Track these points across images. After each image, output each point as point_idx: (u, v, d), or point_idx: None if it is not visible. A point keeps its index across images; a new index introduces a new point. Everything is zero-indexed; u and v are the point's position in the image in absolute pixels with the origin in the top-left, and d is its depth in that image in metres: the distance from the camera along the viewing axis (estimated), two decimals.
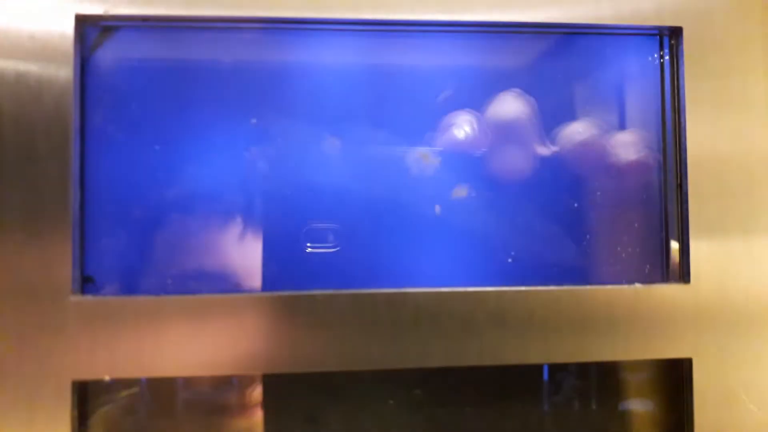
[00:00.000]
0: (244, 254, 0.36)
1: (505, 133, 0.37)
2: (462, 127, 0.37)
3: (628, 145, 0.38)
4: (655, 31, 0.38)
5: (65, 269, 0.32)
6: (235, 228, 0.36)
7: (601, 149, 0.38)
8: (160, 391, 0.36)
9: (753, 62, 0.37)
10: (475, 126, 0.37)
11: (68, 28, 0.32)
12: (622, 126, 0.39)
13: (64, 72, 0.32)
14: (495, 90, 0.38)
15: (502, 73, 0.39)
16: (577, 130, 0.38)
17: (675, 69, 0.37)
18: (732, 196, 0.36)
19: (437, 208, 0.37)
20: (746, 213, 0.36)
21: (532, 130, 0.38)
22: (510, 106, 0.37)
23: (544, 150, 0.38)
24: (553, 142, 0.38)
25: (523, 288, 0.35)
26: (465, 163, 0.38)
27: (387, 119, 0.37)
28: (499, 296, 0.34)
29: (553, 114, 0.38)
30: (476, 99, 0.38)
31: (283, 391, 0.37)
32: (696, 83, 0.37)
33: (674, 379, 0.37)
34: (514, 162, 0.38)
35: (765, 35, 0.37)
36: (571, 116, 0.39)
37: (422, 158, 0.37)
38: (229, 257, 0.36)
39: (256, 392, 0.36)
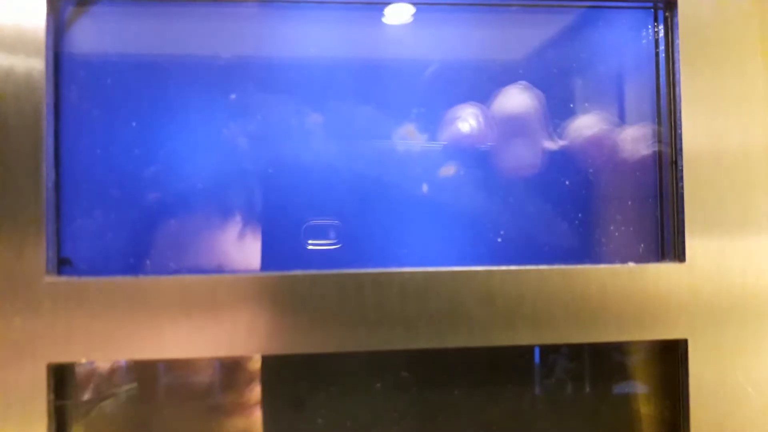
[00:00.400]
0: (224, 232, 0.35)
1: (510, 126, 0.36)
2: (467, 120, 0.36)
3: (622, 123, 0.37)
4: (650, 4, 0.37)
5: (39, 250, 0.31)
6: (215, 205, 0.35)
7: (595, 128, 0.37)
8: (141, 376, 0.35)
9: (750, 36, 0.36)
10: (481, 119, 0.36)
11: (40, 1, 0.31)
12: (616, 105, 0.38)
13: (36, 46, 0.31)
14: (490, 80, 0.37)
15: (495, 58, 0.38)
16: (574, 116, 0.37)
17: (670, 44, 0.36)
18: (729, 174, 0.35)
19: (424, 187, 0.36)
20: (743, 191, 0.35)
21: (537, 123, 0.37)
22: (515, 99, 0.36)
23: (550, 144, 0.37)
24: (550, 126, 0.37)
25: (512, 267, 0.33)
26: (455, 142, 0.37)
27: (375, 98, 0.37)
28: (488, 276, 0.33)
29: (547, 99, 0.37)
30: (470, 90, 0.37)
31: (268, 374, 0.36)
32: (691, 58, 0.35)
33: (669, 361, 0.36)
34: (519, 155, 0.37)
35: (763, 9, 0.36)
36: (565, 99, 0.38)
37: (408, 135, 0.36)
38: (210, 235, 0.35)
39: (240, 375, 0.36)
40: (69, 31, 0.34)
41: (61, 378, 0.33)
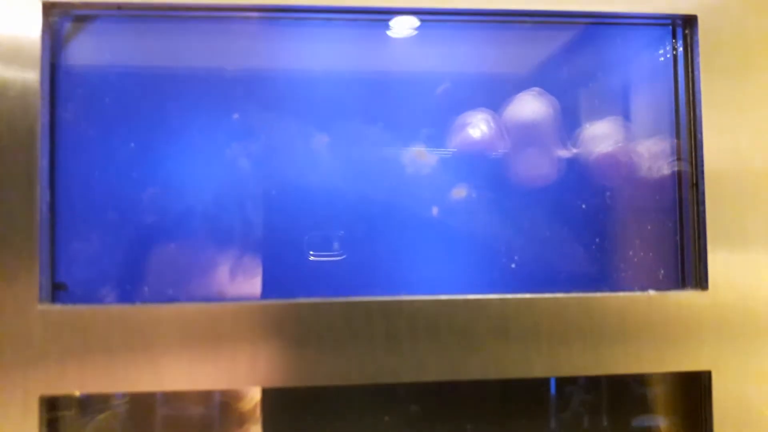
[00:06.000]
0: (225, 257, 0.33)
1: (523, 133, 0.35)
2: (478, 126, 0.35)
3: (640, 145, 0.36)
4: (668, 21, 0.36)
5: (32, 276, 0.30)
6: (217, 230, 0.34)
7: (612, 150, 0.36)
8: (138, 407, 0.34)
9: None
10: (492, 125, 0.35)
11: (35, 16, 0.30)
12: (634, 127, 0.37)
13: (31, 62, 0.30)
14: (501, 92, 0.36)
15: (508, 72, 0.37)
16: (589, 132, 0.36)
17: (689, 62, 0.35)
18: (752, 197, 0.34)
19: (434, 210, 0.35)
20: None
21: (551, 132, 0.35)
22: (528, 106, 0.35)
23: (564, 152, 0.35)
24: (565, 133, 0.36)
25: (527, 295, 0.32)
26: (466, 161, 0.35)
27: (384, 117, 0.35)
28: (502, 304, 0.32)
29: (562, 116, 0.36)
30: (481, 99, 0.36)
31: (271, 407, 0.34)
32: (712, 77, 0.34)
33: (692, 394, 0.34)
34: (532, 164, 0.35)
35: None
36: (580, 118, 0.37)
37: (418, 156, 0.34)
38: (210, 260, 0.33)
39: (241, 408, 0.34)
40: (66, 47, 0.33)
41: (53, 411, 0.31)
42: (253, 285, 0.34)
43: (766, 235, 0.34)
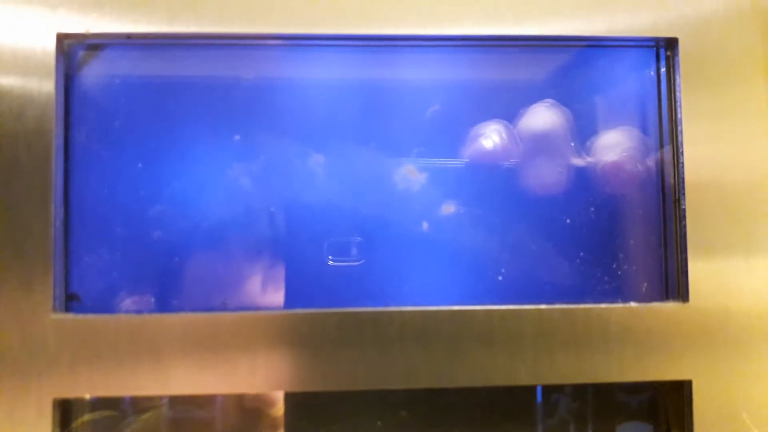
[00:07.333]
0: (231, 270, 0.35)
1: (535, 143, 0.36)
2: (491, 136, 0.36)
3: (623, 159, 0.37)
4: (651, 43, 0.37)
5: (47, 287, 0.32)
6: (221, 243, 0.35)
7: (596, 164, 0.37)
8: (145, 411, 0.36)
9: (752, 73, 0.36)
10: (504, 135, 0.36)
11: (50, 47, 0.33)
12: (621, 143, 0.38)
13: (46, 88, 0.32)
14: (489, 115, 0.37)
15: (494, 88, 0.38)
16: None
17: (671, 81, 0.36)
18: (733, 211, 0.35)
19: (424, 225, 0.36)
20: (748, 229, 0.35)
21: (560, 143, 0.36)
22: (540, 116, 0.36)
23: (578, 161, 0.36)
24: (580, 153, 0.37)
25: (512, 306, 0.33)
26: (455, 177, 0.37)
27: (379, 135, 0.37)
28: (487, 315, 0.33)
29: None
30: (462, 115, 0.37)
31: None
32: (693, 95, 0.35)
33: (673, 402, 0.35)
34: (545, 173, 0.36)
35: (764, 45, 0.36)
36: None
37: (408, 173, 0.36)
38: (216, 273, 0.35)
39: (237, 414, 0.36)
40: (79, 73, 0.35)
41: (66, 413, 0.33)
42: (252, 295, 0.35)
43: (745, 247, 0.35)
